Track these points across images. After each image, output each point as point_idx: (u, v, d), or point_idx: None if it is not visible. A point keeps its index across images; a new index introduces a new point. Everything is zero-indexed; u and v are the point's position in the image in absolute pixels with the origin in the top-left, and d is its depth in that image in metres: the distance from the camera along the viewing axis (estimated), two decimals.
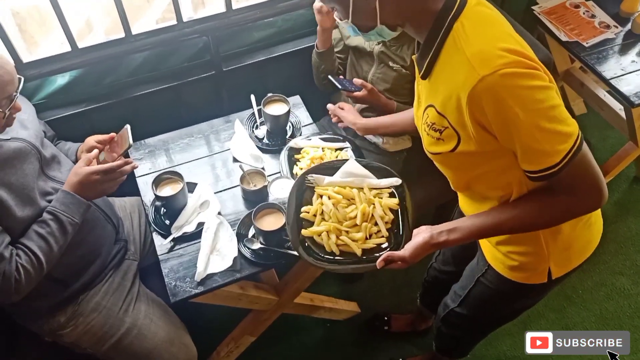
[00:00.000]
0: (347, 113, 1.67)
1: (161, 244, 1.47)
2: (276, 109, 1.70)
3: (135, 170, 1.62)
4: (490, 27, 0.94)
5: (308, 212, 1.23)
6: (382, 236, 1.19)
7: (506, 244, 1.22)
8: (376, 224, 1.20)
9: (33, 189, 1.28)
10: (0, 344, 1.50)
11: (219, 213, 1.52)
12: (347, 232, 1.18)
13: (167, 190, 1.49)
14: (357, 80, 1.64)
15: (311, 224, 1.22)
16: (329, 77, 1.71)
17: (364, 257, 1.16)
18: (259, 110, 1.76)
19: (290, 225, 1.20)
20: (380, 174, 1.28)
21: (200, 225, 1.48)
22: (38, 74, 1.58)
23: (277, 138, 1.73)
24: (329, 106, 1.72)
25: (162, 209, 1.53)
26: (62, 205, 1.28)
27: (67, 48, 1.59)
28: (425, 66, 1.01)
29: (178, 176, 1.50)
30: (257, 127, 1.76)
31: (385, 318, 2.09)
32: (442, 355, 1.80)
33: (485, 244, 1.32)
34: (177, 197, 1.47)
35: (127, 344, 1.47)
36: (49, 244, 1.25)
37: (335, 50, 1.87)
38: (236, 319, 1.86)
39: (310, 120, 1.81)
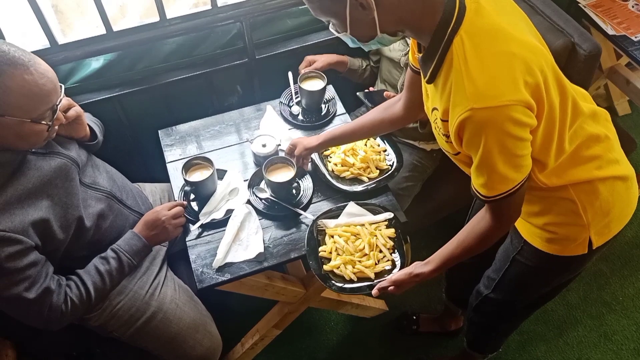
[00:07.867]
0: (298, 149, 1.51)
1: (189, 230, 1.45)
2: (312, 85, 1.70)
3: (165, 156, 1.64)
4: (489, 49, 0.92)
5: (325, 251, 1.42)
6: (388, 260, 1.41)
7: (541, 216, 1.19)
8: (381, 251, 1.42)
9: (77, 207, 1.26)
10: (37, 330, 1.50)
11: (248, 202, 1.50)
12: (359, 261, 1.39)
13: (196, 176, 1.47)
14: (389, 94, 1.60)
15: (329, 260, 1.41)
16: (357, 94, 1.71)
17: (377, 279, 1.37)
18: (295, 91, 1.76)
19: (313, 263, 1.39)
20: (375, 211, 1.49)
21: (229, 212, 1.46)
22: (73, 56, 1.59)
23: (312, 115, 1.73)
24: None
25: (191, 194, 1.51)
26: (127, 246, 1.32)
27: (102, 31, 1.59)
28: (429, 74, 1.01)
29: (208, 162, 1.48)
30: (292, 106, 1.76)
31: (414, 317, 2.02)
32: (473, 351, 1.74)
33: (518, 220, 1.26)
34: (207, 183, 1.45)
35: (152, 327, 1.46)
36: (104, 282, 1.28)
37: (374, 59, 1.90)
38: (262, 312, 1.83)
39: (344, 111, 1.76)
